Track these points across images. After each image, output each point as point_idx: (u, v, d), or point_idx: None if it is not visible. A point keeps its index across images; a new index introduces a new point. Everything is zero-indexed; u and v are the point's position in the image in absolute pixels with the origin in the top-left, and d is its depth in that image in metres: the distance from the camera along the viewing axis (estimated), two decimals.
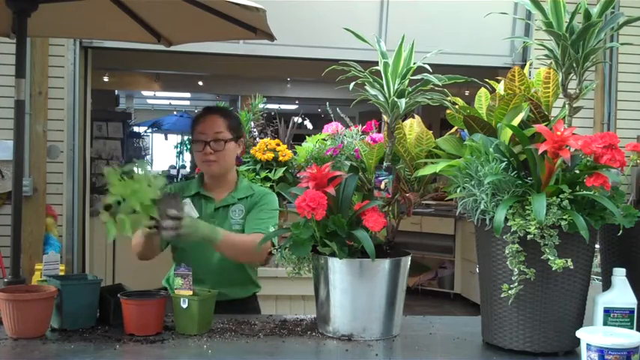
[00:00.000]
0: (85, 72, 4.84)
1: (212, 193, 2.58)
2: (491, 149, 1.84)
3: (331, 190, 1.93)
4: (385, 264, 1.97)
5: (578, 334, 1.71)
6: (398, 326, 2.04)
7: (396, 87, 2.02)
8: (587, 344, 1.66)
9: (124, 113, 10.90)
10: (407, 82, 2.02)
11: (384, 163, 2.07)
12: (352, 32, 2.08)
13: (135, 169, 2.05)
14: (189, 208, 2.41)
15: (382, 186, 2.05)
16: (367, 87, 2.03)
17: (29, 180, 4.44)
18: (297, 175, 2.75)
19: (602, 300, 1.85)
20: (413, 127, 2.19)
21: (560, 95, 1.97)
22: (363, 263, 1.94)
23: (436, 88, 2.03)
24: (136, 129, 12.17)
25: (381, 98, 2.02)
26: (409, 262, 2.07)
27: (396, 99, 1.99)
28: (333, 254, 1.93)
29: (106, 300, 2.08)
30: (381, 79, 2.03)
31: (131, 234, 2.06)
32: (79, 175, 4.77)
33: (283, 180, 3.63)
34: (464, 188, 1.86)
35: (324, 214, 1.88)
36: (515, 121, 1.86)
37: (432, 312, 6.96)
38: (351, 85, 1.99)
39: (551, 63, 1.94)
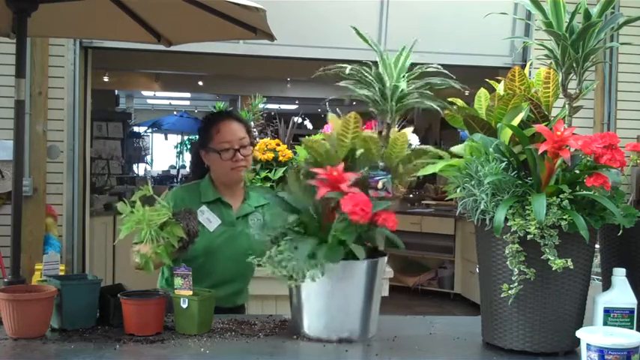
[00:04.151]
0: (85, 72, 4.84)
1: (229, 200, 2.56)
2: (491, 149, 1.84)
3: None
4: (363, 265, 1.92)
5: (578, 334, 1.71)
6: (374, 327, 1.99)
7: (392, 88, 1.98)
8: (587, 344, 1.66)
9: (124, 113, 10.92)
10: (404, 83, 1.99)
11: (380, 163, 2.05)
12: (356, 30, 2.05)
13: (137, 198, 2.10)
14: (209, 216, 2.45)
15: (380, 185, 2.03)
16: (358, 88, 2.00)
17: (29, 180, 4.44)
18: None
19: (602, 300, 1.85)
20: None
21: (560, 95, 1.97)
22: (346, 265, 1.88)
23: (430, 92, 1.99)
24: (136, 129, 12.18)
25: (376, 98, 1.99)
26: (385, 263, 2.02)
27: (391, 101, 1.96)
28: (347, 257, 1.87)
29: (106, 300, 2.08)
30: (378, 80, 2.01)
31: (169, 261, 2.11)
32: (79, 175, 4.77)
33: (283, 180, 3.63)
34: (464, 188, 1.86)
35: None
36: (515, 121, 1.86)
37: (432, 312, 6.97)
38: (341, 83, 1.96)
39: (551, 63, 1.94)
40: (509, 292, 1.76)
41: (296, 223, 1.95)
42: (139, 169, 11.77)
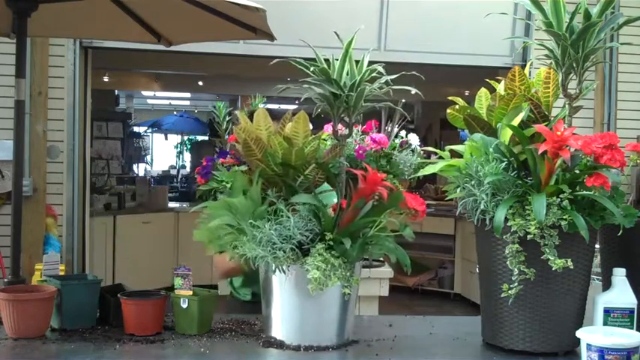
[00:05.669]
0: (85, 72, 4.84)
1: None
2: (491, 149, 1.84)
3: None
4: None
5: (578, 334, 1.71)
6: (351, 331, 1.95)
7: (347, 87, 1.93)
8: (587, 344, 1.66)
9: (124, 113, 10.93)
10: (357, 83, 1.95)
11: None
12: (337, 34, 2.04)
13: None
14: None
15: None
16: (314, 87, 1.99)
17: (29, 180, 4.44)
18: None
19: (602, 300, 1.85)
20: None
21: (560, 95, 1.97)
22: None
23: (384, 96, 1.93)
24: (136, 129, 12.18)
25: (331, 98, 1.96)
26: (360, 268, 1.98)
27: (348, 101, 1.90)
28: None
29: (106, 300, 2.08)
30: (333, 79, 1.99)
31: None
32: (79, 175, 4.77)
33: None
34: (464, 188, 1.86)
35: None
36: (515, 121, 1.86)
37: (432, 312, 6.97)
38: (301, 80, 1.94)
39: (551, 63, 1.94)
40: (509, 292, 1.76)
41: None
42: (139, 169, 11.77)
